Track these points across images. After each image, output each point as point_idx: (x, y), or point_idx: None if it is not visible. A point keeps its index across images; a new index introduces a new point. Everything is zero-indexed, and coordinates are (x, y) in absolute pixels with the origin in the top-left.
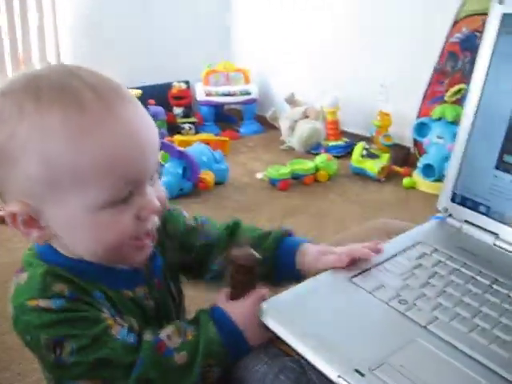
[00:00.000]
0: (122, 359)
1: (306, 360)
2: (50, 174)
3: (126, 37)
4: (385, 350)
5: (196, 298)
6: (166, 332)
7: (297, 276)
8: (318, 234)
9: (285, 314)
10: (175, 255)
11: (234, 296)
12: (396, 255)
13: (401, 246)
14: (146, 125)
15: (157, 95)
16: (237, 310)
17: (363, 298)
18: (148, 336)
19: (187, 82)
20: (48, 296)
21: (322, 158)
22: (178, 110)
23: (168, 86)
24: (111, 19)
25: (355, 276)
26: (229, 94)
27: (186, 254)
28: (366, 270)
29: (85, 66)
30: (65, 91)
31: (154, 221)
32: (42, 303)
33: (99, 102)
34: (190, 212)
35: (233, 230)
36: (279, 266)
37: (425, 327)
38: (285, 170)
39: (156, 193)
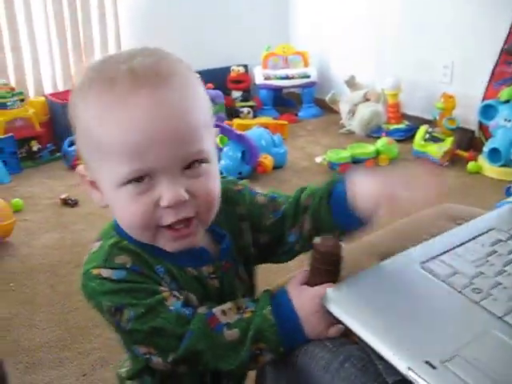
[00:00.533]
0: (175, 330)
1: (373, 350)
2: (88, 144)
3: (184, 21)
4: (457, 341)
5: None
6: (222, 307)
7: (356, 220)
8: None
9: (351, 301)
10: (249, 236)
11: (311, 283)
12: (468, 241)
13: (472, 232)
14: (177, 114)
15: (215, 79)
16: (302, 298)
17: (434, 285)
18: (202, 309)
19: (246, 66)
20: (111, 266)
21: (382, 142)
22: (236, 94)
23: (227, 69)
24: (170, 3)
25: (426, 262)
26: (287, 78)
27: (259, 233)
28: (437, 255)
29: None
30: (109, 71)
31: (184, 213)
32: (104, 273)
33: (130, 84)
34: None
35: (299, 197)
36: (335, 211)
37: (500, 318)
38: (345, 154)
39: (197, 186)
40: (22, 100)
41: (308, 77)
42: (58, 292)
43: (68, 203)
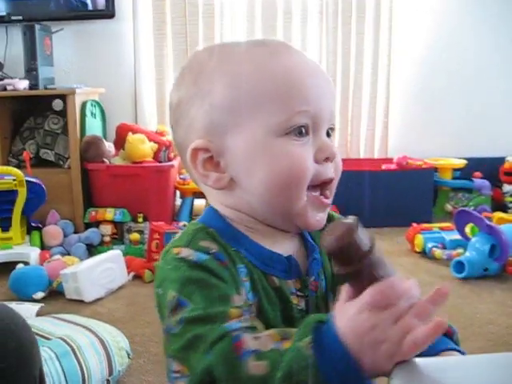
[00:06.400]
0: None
1: None
2: (234, 96)
3: (457, 105)
4: None
5: None
6: (260, 333)
7: None
8: None
9: None
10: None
11: (355, 293)
12: None
13: None
14: (324, 71)
15: (485, 169)
16: (347, 318)
17: None
18: (237, 332)
19: None
20: (193, 247)
21: None
22: (508, 187)
23: (500, 160)
24: (445, 85)
25: None
26: None
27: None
28: None
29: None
30: (237, 40)
31: (331, 174)
32: (184, 252)
33: (280, 42)
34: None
35: None
36: None
37: None
38: None
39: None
40: None
41: None
42: None
43: None
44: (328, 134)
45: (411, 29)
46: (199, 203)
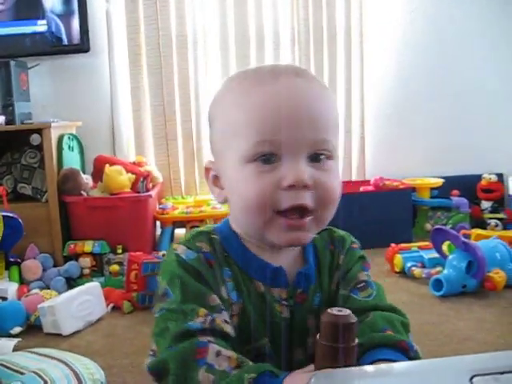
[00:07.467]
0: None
1: None
2: (222, 125)
3: (432, 125)
4: None
5: None
6: (225, 351)
7: None
8: None
9: None
10: (330, 289)
11: (317, 367)
12: None
13: None
14: (310, 99)
15: (463, 186)
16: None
17: None
18: (206, 336)
19: (500, 175)
20: (188, 246)
21: None
22: (485, 204)
23: (477, 177)
24: (418, 105)
25: (477, 376)
26: None
27: (334, 297)
28: (497, 372)
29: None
30: (252, 70)
31: (302, 200)
32: (180, 249)
33: (270, 72)
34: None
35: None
36: None
37: None
38: None
39: (322, 177)
40: None
41: None
42: None
43: None
44: (317, 160)
45: (382, 52)
46: (179, 232)
